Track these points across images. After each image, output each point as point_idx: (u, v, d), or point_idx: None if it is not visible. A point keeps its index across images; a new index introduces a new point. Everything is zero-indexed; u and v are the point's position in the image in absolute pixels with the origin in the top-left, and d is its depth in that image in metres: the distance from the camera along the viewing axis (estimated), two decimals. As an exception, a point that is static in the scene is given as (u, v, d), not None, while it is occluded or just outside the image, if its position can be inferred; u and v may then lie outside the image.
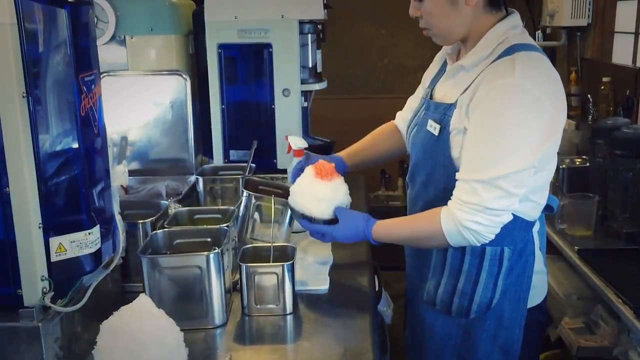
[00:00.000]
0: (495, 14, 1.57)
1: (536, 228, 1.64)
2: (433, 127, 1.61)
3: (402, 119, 1.96)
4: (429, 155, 1.63)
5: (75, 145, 1.39)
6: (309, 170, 1.76)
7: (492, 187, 1.45)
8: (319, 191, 1.70)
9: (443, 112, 1.60)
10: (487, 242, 1.51)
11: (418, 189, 1.71)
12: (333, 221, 1.69)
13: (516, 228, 1.57)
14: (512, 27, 1.57)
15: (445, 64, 1.75)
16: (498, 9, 1.57)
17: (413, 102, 1.92)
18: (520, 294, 1.63)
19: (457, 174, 1.53)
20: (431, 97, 1.71)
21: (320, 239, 1.73)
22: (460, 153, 1.54)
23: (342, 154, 2.02)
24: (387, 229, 1.65)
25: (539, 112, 1.44)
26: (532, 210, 1.59)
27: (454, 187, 1.53)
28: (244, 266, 1.64)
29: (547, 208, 1.67)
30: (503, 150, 1.46)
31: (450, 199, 1.54)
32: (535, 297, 1.68)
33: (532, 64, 1.48)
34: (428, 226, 1.56)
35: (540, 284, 1.70)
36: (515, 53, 1.49)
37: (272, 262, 1.72)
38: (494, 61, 1.52)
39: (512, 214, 1.52)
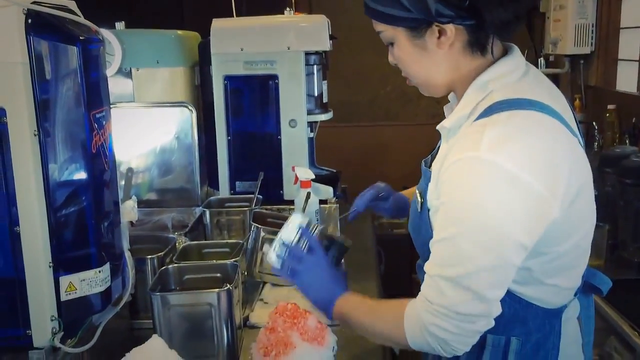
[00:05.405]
0: (480, 57, 1.24)
1: (567, 316, 1.29)
2: (417, 201, 1.33)
3: None
4: (416, 231, 1.35)
5: (86, 182, 1.37)
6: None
7: (460, 287, 1.13)
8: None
9: (425, 182, 1.31)
10: (460, 354, 1.20)
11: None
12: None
13: (530, 316, 1.24)
14: (502, 75, 1.22)
15: None
16: (483, 52, 1.24)
17: None
18: None
19: (426, 263, 1.21)
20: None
21: (290, 277, 1.46)
22: None
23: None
24: (349, 309, 1.36)
25: (517, 193, 1.10)
26: (552, 297, 1.25)
27: None
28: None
29: (593, 289, 1.36)
30: (470, 241, 1.12)
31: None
32: None
33: (510, 130, 1.12)
34: (389, 321, 1.27)
35: None
36: (493, 115, 1.15)
37: None
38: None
39: (525, 300, 1.23)
